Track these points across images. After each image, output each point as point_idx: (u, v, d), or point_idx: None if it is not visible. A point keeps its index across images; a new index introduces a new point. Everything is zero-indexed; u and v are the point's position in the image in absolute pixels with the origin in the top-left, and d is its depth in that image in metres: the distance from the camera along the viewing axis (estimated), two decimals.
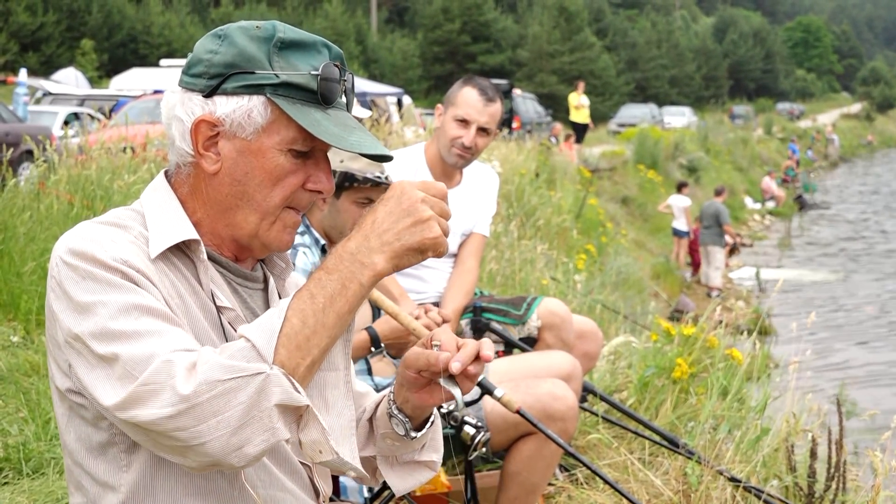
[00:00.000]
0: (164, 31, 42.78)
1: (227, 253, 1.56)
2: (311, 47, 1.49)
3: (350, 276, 1.37)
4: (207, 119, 1.48)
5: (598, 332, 3.75)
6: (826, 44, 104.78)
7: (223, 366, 1.29)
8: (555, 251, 8.98)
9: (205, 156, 1.50)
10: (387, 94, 22.14)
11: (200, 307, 1.49)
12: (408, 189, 1.41)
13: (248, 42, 1.47)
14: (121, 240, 1.44)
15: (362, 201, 2.80)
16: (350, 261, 1.37)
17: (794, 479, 3.29)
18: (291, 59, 1.47)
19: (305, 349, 1.34)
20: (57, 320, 1.40)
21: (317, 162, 1.51)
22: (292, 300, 1.35)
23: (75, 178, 6.66)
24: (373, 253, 1.37)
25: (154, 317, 1.36)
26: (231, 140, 1.48)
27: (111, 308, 1.35)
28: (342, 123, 1.48)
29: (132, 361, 1.31)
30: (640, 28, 71.57)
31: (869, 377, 10.91)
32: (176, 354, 1.31)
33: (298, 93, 1.46)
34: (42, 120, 15.19)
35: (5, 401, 3.81)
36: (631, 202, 19.01)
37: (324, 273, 1.37)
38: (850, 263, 19.57)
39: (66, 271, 1.39)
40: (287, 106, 1.45)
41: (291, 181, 1.49)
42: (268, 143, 1.47)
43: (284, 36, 1.48)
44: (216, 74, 1.47)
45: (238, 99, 1.46)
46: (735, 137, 34.89)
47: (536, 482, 2.85)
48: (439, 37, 51.98)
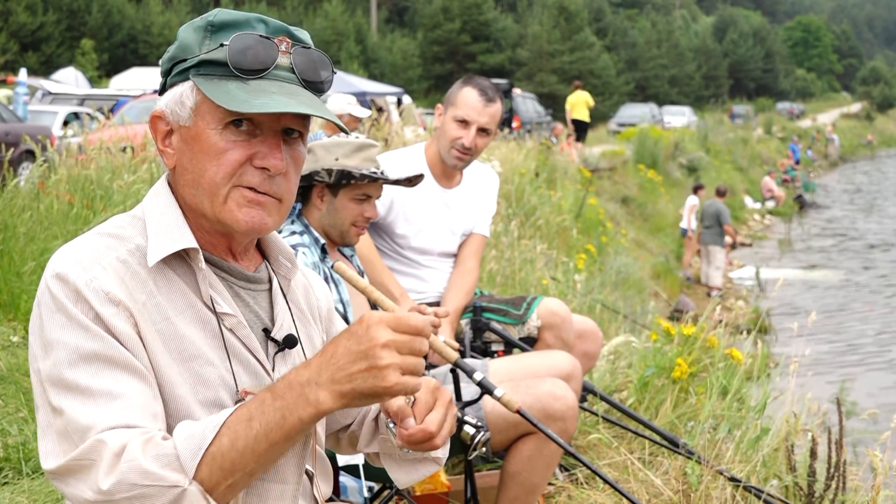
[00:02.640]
0: (164, 31, 42.74)
1: (223, 252, 1.56)
2: (243, 24, 1.47)
3: (292, 409, 1.31)
4: (156, 114, 1.51)
5: (598, 331, 3.75)
6: (826, 43, 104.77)
7: (142, 470, 1.29)
8: (555, 251, 8.98)
9: (164, 152, 1.52)
10: (387, 93, 22.15)
11: (197, 319, 1.48)
12: (373, 328, 1.30)
13: (188, 33, 1.49)
14: (110, 261, 1.43)
15: (360, 198, 2.80)
16: (298, 392, 1.31)
17: (794, 479, 3.29)
18: (219, 38, 1.46)
19: (229, 470, 1.32)
20: (30, 343, 1.43)
21: (265, 139, 1.47)
22: (231, 415, 1.33)
23: (75, 177, 6.66)
24: (321, 389, 1.30)
25: (112, 368, 1.37)
26: (178, 131, 1.50)
27: (71, 352, 1.37)
28: (260, 90, 1.43)
29: (73, 424, 1.34)
30: (640, 28, 71.56)
31: (869, 377, 10.91)
32: (110, 434, 1.32)
33: (216, 69, 1.45)
34: (42, 120, 15.19)
35: (5, 401, 3.81)
36: (631, 202, 19.00)
37: (269, 397, 1.33)
38: (851, 263, 19.57)
39: (46, 296, 1.41)
40: (203, 83, 1.45)
41: (231, 157, 1.46)
42: (202, 124, 1.47)
43: (215, 19, 1.48)
44: (164, 71, 1.52)
45: (175, 89, 1.49)
46: (735, 137, 34.88)
47: (536, 482, 2.85)
48: (439, 36, 51.98)
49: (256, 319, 1.57)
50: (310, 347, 1.67)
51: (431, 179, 3.59)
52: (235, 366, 1.50)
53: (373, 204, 2.84)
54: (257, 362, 1.54)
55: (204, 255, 1.52)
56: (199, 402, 1.45)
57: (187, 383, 1.44)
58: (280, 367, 1.57)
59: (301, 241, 2.76)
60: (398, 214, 3.52)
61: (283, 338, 1.58)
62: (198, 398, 1.45)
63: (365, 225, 2.86)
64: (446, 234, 3.62)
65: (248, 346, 1.53)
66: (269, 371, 1.55)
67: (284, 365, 1.58)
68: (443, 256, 3.65)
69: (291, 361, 1.60)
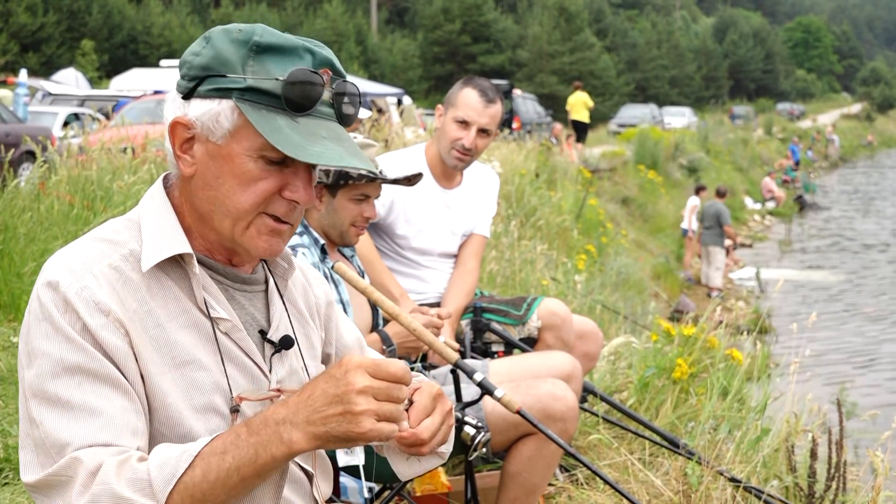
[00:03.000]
0: (165, 32, 42.76)
1: (219, 257, 1.55)
2: (290, 52, 1.45)
3: (265, 446, 1.32)
4: (181, 121, 1.47)
5: (598, 332, 3.75)
6: (826, 44, 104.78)
7: (115, 493, 1.30)
8: (555, 251, 8.98)
9: (182, 158, 1.49)
10: (387, 94, 22.16)
11: (191, 323, 1.48)
12: (350, 372, 1.30)
13: (226, 45, 1.44)
14: (102, 268, 1.43)
15: (358, 198, 2.80)
16: (273, 430, 1.32)
17: (795, 480, 3.29)
18: (267, 64, 1.43)
19: (200, 500, 1.32)
20: (19, 347, 1.44)
21: (295, 170, 1.47)
22: (206, 446, 1.34)
23: (76, 178, 6.66)
24: (295, 430, 1.31)
25: (94, 382, 1.37)
26: (204, 143, 1.46)
27: (54, 364, 1.37)
28: (311, 133, 1.42)
29: (50, 438, 1.35)
30: (641, 28, 71.56)
31: (869, 377, 10.92)
32: (87, 453, 1.33)
33: (265, 98, 1.42)
34: (42, 120, 15.20)
35: (6, 401, 3.81)
36: (631, 202, 19.00)
37: (245, 431, 1.33)
38: (852, 263, 19.57)
39: (35, 304, 1.41)
40: (250, 111, 1.41)
41: (262, 187, 1.45)
42: (237, 148, 1.44)
43: (261, 40, 1.44)
44: (194, 77, 1.46)
45: (209, 102, 1.44)
46: (735, 138, 34.89)
47: (537, 482, 2.85)
48: (439, 37, 51.99)
49: (252, 321, 1.57)
50: (308, 348, 1.66)
51: (431, 180, 3.59)
52: (231, 370, 1.50)
53: (372, 204, 2.84)
54: (254, 365, 1.53)
55: (199, 258, 1.51)
56: (193, 407, 1.45)
57: (180, 389, 1.44)
58: (277, 369, 1.57)
59: (301, 241, 2.76)
60: (398, 215, 3.52)
61: (279, 339, 1.57)
62: (192, 404, 1.45)
63: (364, 225, 2.85)
64: (446, 234, 3.62)
65: (245, 350, 1.53)
66: (267, 373, 1.55)
67: (282, 366, 1.58)
68: (443, 257, 3.65)
69: (289, 362, 1.59)
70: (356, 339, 1.85)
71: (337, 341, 1.79)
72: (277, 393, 1.49)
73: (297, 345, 1.61)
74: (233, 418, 1.47)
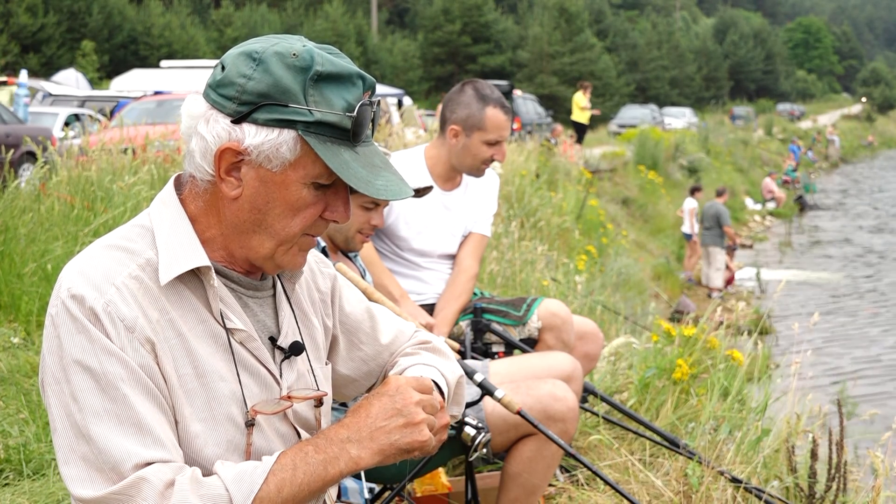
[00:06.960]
0: (165, 33, 42.78)
1: (238, 268, 1.55)
2: (346, 80, 1.44)
3: (334, 461, 1.43)
4: (234, 148, 1.43)
5: (598, 332, 3.75)
6: (826, 45, 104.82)
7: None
8: (555, 252, 8.98)
9: (226, 180, 1.46)
10: (387, 95, 22.15)
11: (208, 334, 1.48)
12: (403, 388, 1.48)
13: (283, 72, 1.41)
14: (124, 279, 1.43)
15: (368, 206, 2.80)
16: (339, 448, 1.44)
17: (795, 480, 3.29)
18: (326, 93, 1.42)
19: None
20: (44, 358, 1.42)
21: (336, 191, 1.50)
22: (276, 463, 1.40)
23: (76, 179, 6.65)
24: (361, 447, 1.44)
25: (136, 395, 1.38)
26: (255, 168, 1.44)
27: (96, 377, 1.37)
28: (370, 163, 1.46)
29: (104, 454, 1.35)
30: (641, 29, 71.59)
31: (870, 377, 10.91)
32: (151, 472, 1.34)
33: (330, 131, 1.43)
34: (43, 121, 15.20)
35: (6, 402, 3.81)
36: (631, 203, 19.01)
37: (311, 449, 1.43)
38: (852, 264, 19.57)
39: (64, 316, 1.40)
40: (318, 145, 1.41)
41: (311, 212, 1.48)
42: (293, 176, 1.44)
43: (322, 69, 1.42)
44: (248, 102, 1.42)
45: (268, 131, 1.42)
46: (735, 138, 34.92)
47: (537, 483, 2.84)
48: (440, 38, 52.00)
49: (263, 328, 1.58)
50: (313, 349, 1.67)
51: (431, 182, 3.59)
52: (245, 379, 1.51)
53: (380, 212, 2.84)
54: (268, 373, 1.55)
55: (216, 268, 1.51)
56: (212, 417, 1.46)
57: (200, 399, 1.45)
58: (287, 374, 1.58)
59: None
60: (398, 217, 3.53)
61: (289, 345, 1.59)
62: (211, 414, 1.46)
63: (370, 232, 2.86)
64: (446, 236, 3.63)
65: (259, 358, 1.54)
66: (279, 379, 1.56)
67: (291, 371, 1.59)
68: (443, 258, 3.65)
69: (297, 367, 1.61)
70: (364, 311, 1.82)
71: (339, 311, 1.78)
72: (289, 402, 1.53)
73: (305, 351, 1.63)
74: (248, 432, 1.49)
